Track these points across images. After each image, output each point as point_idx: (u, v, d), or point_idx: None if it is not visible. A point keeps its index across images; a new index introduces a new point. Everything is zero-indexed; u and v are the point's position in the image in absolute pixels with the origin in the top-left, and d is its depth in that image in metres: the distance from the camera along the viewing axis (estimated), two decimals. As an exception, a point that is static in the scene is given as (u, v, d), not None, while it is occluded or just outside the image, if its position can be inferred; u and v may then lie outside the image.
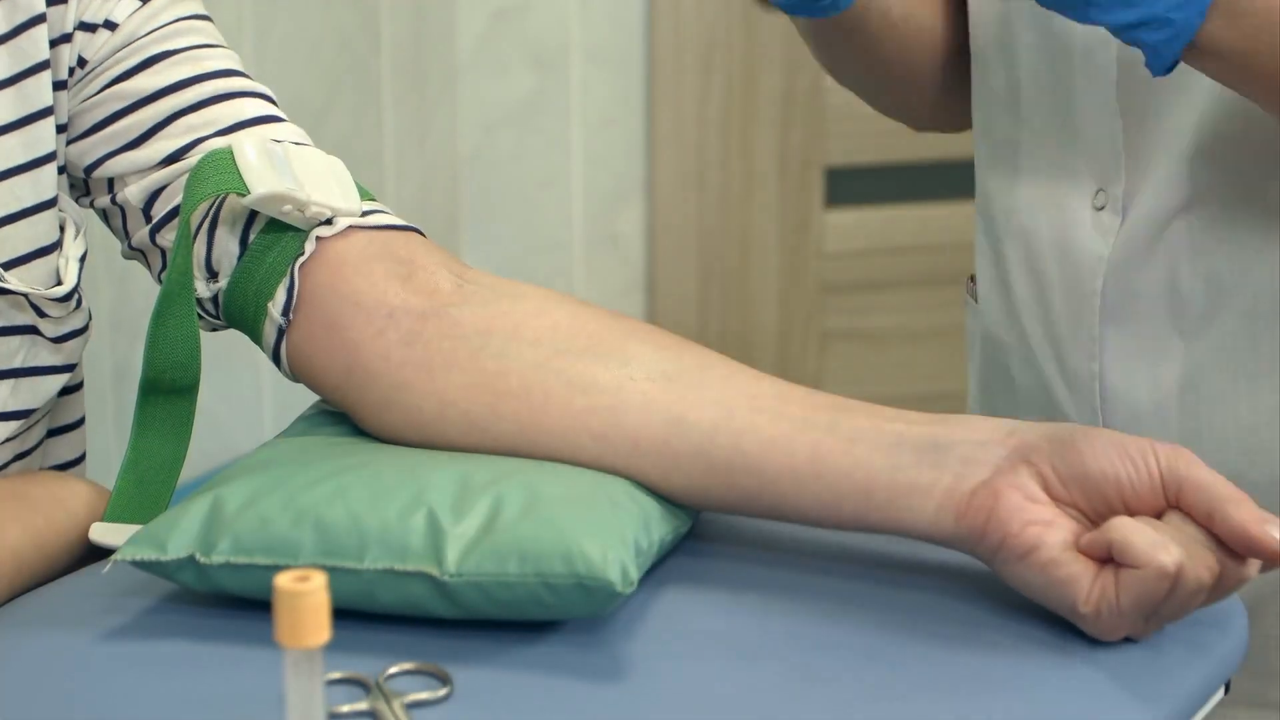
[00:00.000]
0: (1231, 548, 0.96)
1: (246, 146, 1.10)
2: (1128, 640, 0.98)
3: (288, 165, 1.10)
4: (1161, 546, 0.95)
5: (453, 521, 0.98)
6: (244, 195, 1.09)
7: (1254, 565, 0.96)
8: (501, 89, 2.59)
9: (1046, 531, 0.97)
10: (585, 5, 2.59)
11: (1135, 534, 0.95)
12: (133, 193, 1.14)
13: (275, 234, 1.11)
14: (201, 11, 1.18)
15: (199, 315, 1.13)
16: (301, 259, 1.11)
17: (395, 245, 1.12)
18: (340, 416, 1.13)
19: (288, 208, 1.10)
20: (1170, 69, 1.10)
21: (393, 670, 0.94)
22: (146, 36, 1.15)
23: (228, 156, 1.10)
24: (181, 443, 1.14)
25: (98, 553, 1.11)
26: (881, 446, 1.01)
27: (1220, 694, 0.99)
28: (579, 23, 2.60)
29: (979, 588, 1.02)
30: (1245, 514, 0.96)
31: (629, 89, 2.65)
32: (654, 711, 0.93)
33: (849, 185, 2.70)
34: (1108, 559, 0.96)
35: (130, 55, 1.15)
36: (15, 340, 1.12)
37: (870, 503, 1.01)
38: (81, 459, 1.24)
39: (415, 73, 2.50)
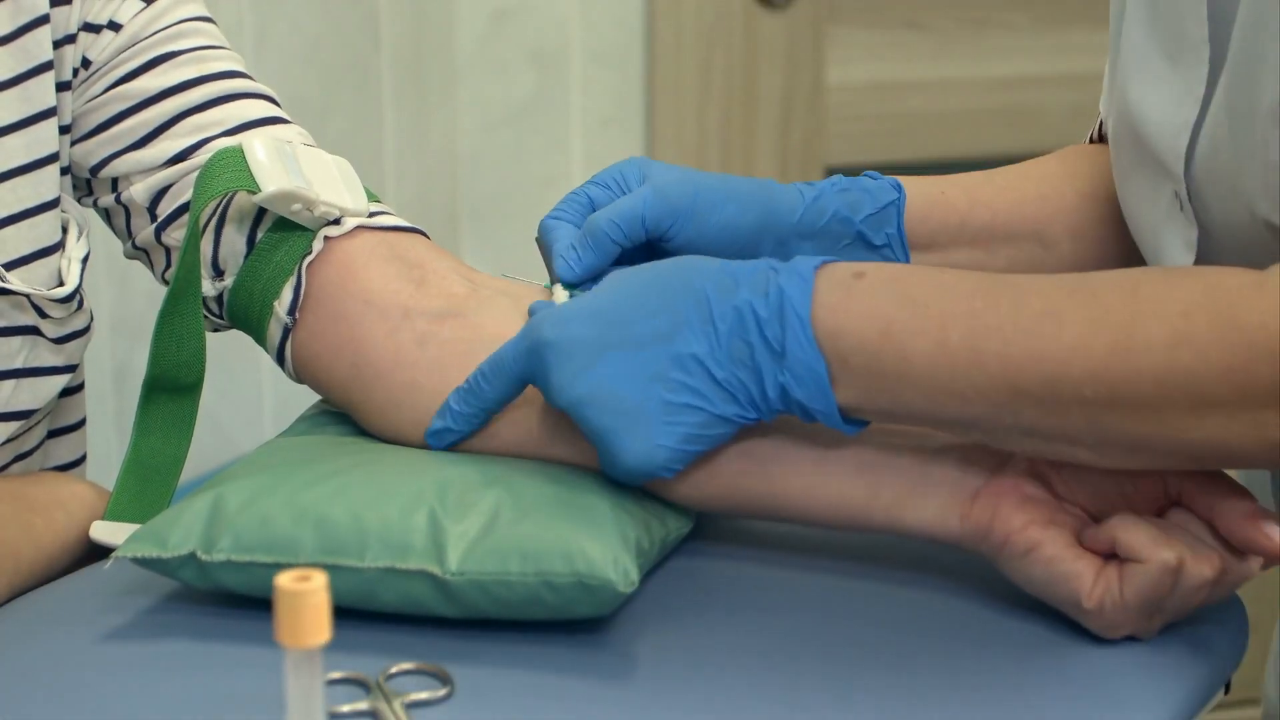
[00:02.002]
0: (1230, 544, 0.97)
1: (257, 145, 1.10)
2: (1129, 639, 0.98)
3: (297, 164, 1.10)
4: (1164, 541, 0.95)
5: (454, 521, 0.98)
6: (254, 193, 1.09)
7: (1257, 561, 0.97)
8: (501, 89, 2.59)
9: (1049, 528, 0.98)
10: (585, 5, 2.59)
11: (1137, 529, 0.96)
12: (138, 192, 1.14)
13: (283, 233, 1.11)
14: (205, 14, 1.18)
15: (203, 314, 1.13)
16: (309, 258, 1.11)
17: (403, 247, 1.12)
18: (341, 416, 1.13)
19: (297, 206, 1.10)
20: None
21: (393, 670, 0.94)
22: (151, 38, 1.15)
23: (238, 154, 1.10)
24: (183, 442, 1.14)
25: (97, 554, 1.11)
26: (886, 447, 1.02)
27: (1220, 694, 1.00)
28: (579, 23, 2.60)
29: (980, 587, 1.03)
30: (1242, 511, 0.96)
31: (629, 89, 2.64)
32: (654, 712, 0.93)
33: (849, 185, 2.70)
34: (1111, 555, 0.97)
35: (135, 56, 1.15)
36: (17, 341, 1.12)
37: (875, 503, 1.01)
38: (81, 460, 1.24)
39: (415, 73, 2.50)
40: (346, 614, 0.99)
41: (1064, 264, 1.19)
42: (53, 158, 1.13)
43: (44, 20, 1.12)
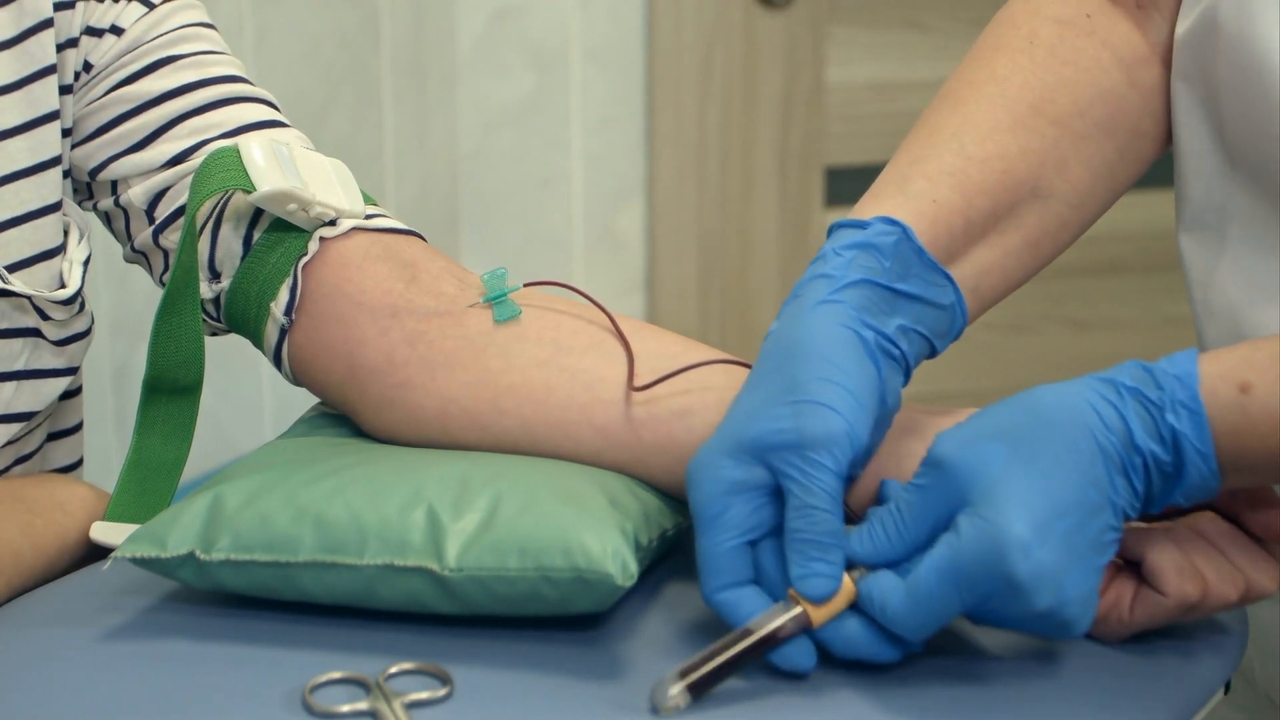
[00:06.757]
0: (1258, 534, 0.97)
1: (252, 145, 1.10)
2: (1128, 638, 0.98)
3: (293, 165, 1.10)
4: (1190, 576, 0.95)
5: (452, 518, 0.98)
6: (250, 193, 1.09)
7: (1275, 580, 0.96)
8: (501, 89, 2.59)
9: None
10: (585, 5, 2.60)
11: (1165, 555, 0.96)
12: (136, 194, 1.15)
13: (279, 234, 1.11)
14: (206, 20, 1.19)
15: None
16: (305, 258, 1.11)
17: (398, 248, 1.12)
18: (340, 418, 1.13)
19: (292, 206, 1.10)
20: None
21: (393, 670, 0.94)
22: (152, 42, 1.15)
23: (234, 154, 1.10)
24: (184, 443, 1.14)
25: (97, 554, 1.11)
26: (889, 435, 1.02)
27: (1220, 694, 1.00)
28: (579, 23, 2.60)
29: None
30: (1272, 501, 0.96)
31: (629, 89, 2.65)
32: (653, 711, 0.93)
33: (849, 185, 2.71)
34: (1120, 565, 0.96)
35: (136, 59, 1.15)
36: (18, 343, 1.12)
37: (877, 492, 1.01)
38: (79, 464, 1.24)
39: (415, 73, 2.50)
40: (346, 614, 0.99)
41: (1066, 205, 1.11)
42: (55, 160, 1.14)
43: (48, 24, 1.13)
